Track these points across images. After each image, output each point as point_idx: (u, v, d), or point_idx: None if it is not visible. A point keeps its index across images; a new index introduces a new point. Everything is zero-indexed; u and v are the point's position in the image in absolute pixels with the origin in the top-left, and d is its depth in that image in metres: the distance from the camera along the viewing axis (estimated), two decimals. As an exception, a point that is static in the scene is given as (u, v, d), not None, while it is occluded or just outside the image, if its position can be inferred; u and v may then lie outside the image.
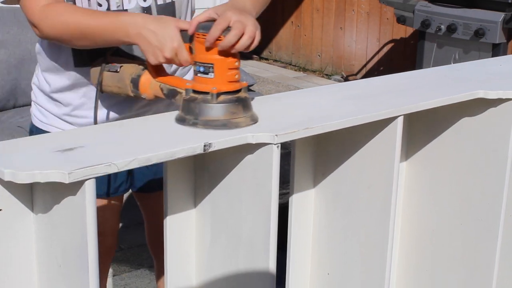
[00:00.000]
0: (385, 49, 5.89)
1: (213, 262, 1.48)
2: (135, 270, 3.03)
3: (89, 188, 1.10)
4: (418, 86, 1.71)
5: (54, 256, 1.19)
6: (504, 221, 1.70)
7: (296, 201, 1.62)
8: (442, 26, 4.25)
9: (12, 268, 1.19)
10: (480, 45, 4.15)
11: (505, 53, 4.13)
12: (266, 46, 6.78)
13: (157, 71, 1.48)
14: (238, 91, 1.37)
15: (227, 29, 1.33)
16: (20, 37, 3.92)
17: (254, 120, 1.37)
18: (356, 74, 6.10)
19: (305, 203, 1.64)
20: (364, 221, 1.56)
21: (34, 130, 1.72)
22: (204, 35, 1.34)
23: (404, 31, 5.63)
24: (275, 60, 6.76)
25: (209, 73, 1.34)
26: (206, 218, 1.47)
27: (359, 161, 1.54)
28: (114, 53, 1.58)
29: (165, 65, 1.51)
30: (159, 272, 2.01)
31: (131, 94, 1.51)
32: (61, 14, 1.50)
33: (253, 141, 1.31)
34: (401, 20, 4.57)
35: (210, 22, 1.36)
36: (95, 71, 1.56)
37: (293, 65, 6.61)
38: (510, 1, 4.03)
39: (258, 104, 1.56)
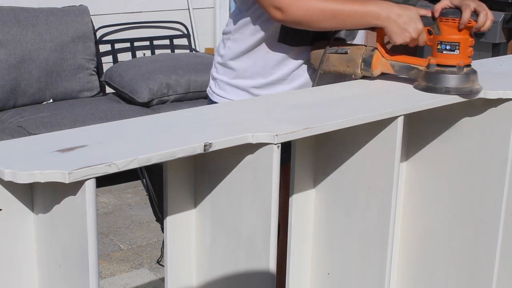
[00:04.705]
0: (385, 49, 5.88)
1: (213, 262, 1.48)
2: (135, 270, 3.03)
3: (89, 188, 1.10)
4: (418, 86, 1.71)
5: (54, 256, 1.19)
6: (504, 221, 1.70)
7: (296, 201, 1.62)
8: (442, 26, 4.24)
9: (12, 268, 1.19)
10: (480, 45, 4.15)
11: (505, 53, 4.13)
12: (266, 46, 6.77)
13: (387, 51, 1.71)
14: (470, 64, 1.65)
15: (472, 14, 1.61)
16: (20, 37, 3.92)
17: (482, 87, 1.65)
18: (356, 74, 6.09)
19: (305, 203, 1.64)
20: (364, 221, 1.56)
21: None
22: (453, 19, 1.62)
23: (404, 31, 5.62)
24: (275, 60, 6.75)
25: (455, 50, 1.63)
26: (206, 218, 1.47)
27: (359, 161, 1.54)
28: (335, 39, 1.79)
29: None
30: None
31: (360, 72, 1.72)
32: None
33: (253, 141, 1.31)
34: (401, 20, 4.56)
35: (451, 9, 1.64)
36: (317, 53, 1.76)
37: (293, 65, 6.59)
38: (510, 1, 4.03)
39: (257, 104, 1.56)
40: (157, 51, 4.56)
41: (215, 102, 1.88)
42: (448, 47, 1.63)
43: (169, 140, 1.28)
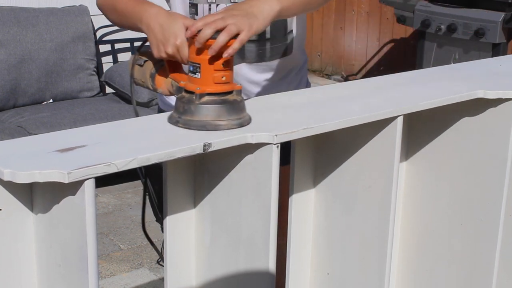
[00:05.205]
0: (385, 49, 5.89)
1: (213, 262, 1.48)
2: (135, 270, 3.03)
3: (89, 188, 1.10)
4: (418, 86, 1.71)
5: (54, 256, 1.19)
6: (504, 221, 1.70)
7: (296, 201, 1.62)
8: (442, 26, 4.25)
9: (11, 268, 1.19)
10: (480, 45, 4.15)
11: (505, 53, 4.13)
12: (266, 46, 6.77)
13: (173, 67, 1.44)
14: (227, 93, 1.34)
15: (217, 32, 1.31)
16: (20, 37, 3.92)
17: (241, 124, 1.33)
18: (356, 74, 6.10)
19: (305, 203, 1.64)
20: (364, 221, 1.56)
21: None
22: (197, 36, 1.32)
23: (404, 31, 5.63)
24: (275, 60, 6.75)
25: (197, 73, 1.33)
26: (206, 218, 1.47)
27: (359, 161, 1.54)
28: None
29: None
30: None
31: (151, 88, 1.48)
32: None
33: (253, 141, 1.31)
34: (401, 20, 4.58)
35: None
36: (129, 63, 1.55)
37: (293, 65, 6.59)
38: (510, 1, 4.03)
39: (257, 104, 1.56)
40: (157, 51, 4.55)
41: (164, 111, 1.78)
42: (191, 69, 1.34)
43: (168, 140, 1.28)
